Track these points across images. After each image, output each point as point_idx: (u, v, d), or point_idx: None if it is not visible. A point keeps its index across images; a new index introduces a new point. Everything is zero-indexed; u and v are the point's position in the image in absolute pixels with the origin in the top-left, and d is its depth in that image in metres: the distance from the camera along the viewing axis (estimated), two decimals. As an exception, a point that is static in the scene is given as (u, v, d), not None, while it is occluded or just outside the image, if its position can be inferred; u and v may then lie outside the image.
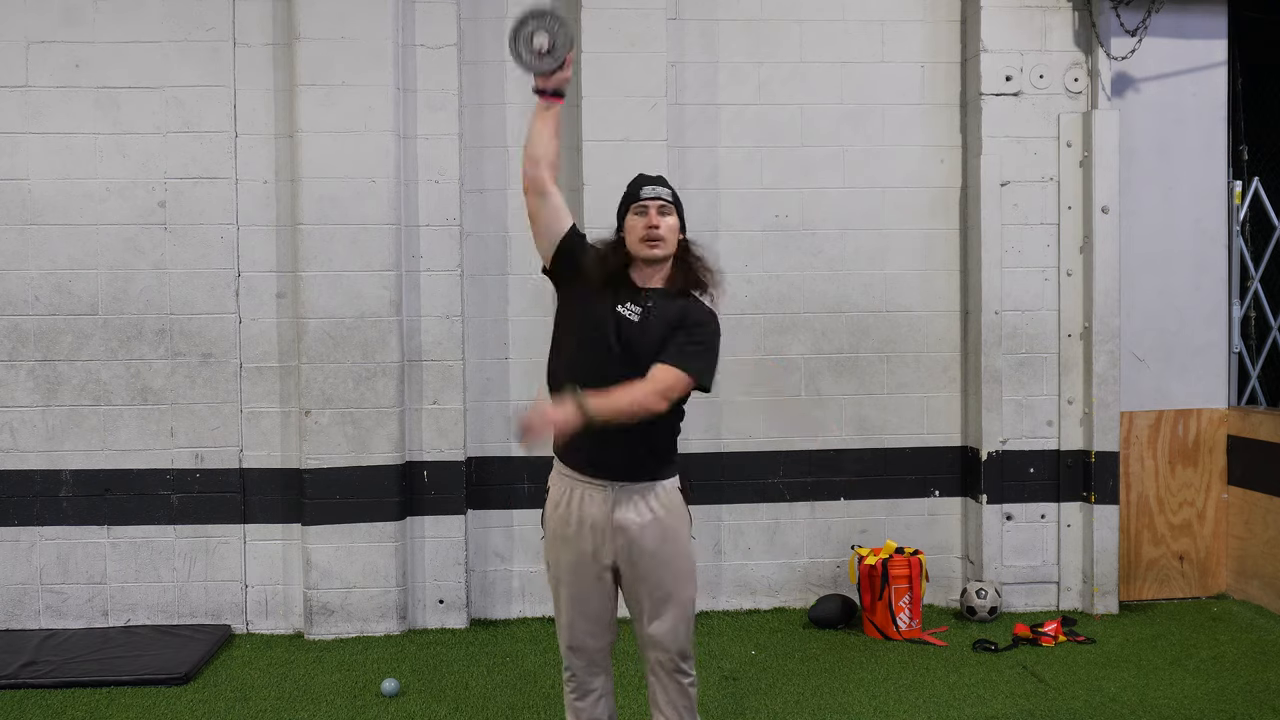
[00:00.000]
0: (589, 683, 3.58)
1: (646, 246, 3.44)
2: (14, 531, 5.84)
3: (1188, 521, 6.30)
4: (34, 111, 5.81)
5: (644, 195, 3.48)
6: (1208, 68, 6.24)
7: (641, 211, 3.46)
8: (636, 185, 3.55)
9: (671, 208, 3.50)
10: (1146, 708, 4.75)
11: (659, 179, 3.57)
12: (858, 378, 6.22)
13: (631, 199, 3.52)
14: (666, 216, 3.47)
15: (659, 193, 3.48)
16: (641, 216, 3.46)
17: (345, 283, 5.74)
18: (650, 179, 3.56)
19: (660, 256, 3.46)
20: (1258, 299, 6.46)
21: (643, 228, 3.44)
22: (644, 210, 3.46)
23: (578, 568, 3.48)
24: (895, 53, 6.21)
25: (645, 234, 3.43)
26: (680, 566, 3.49)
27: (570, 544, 3.47)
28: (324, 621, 5.78)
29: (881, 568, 5.72)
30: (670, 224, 3.48)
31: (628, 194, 3.55)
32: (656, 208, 3.46)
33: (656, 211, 3.45)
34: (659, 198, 3.47)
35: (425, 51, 5.87)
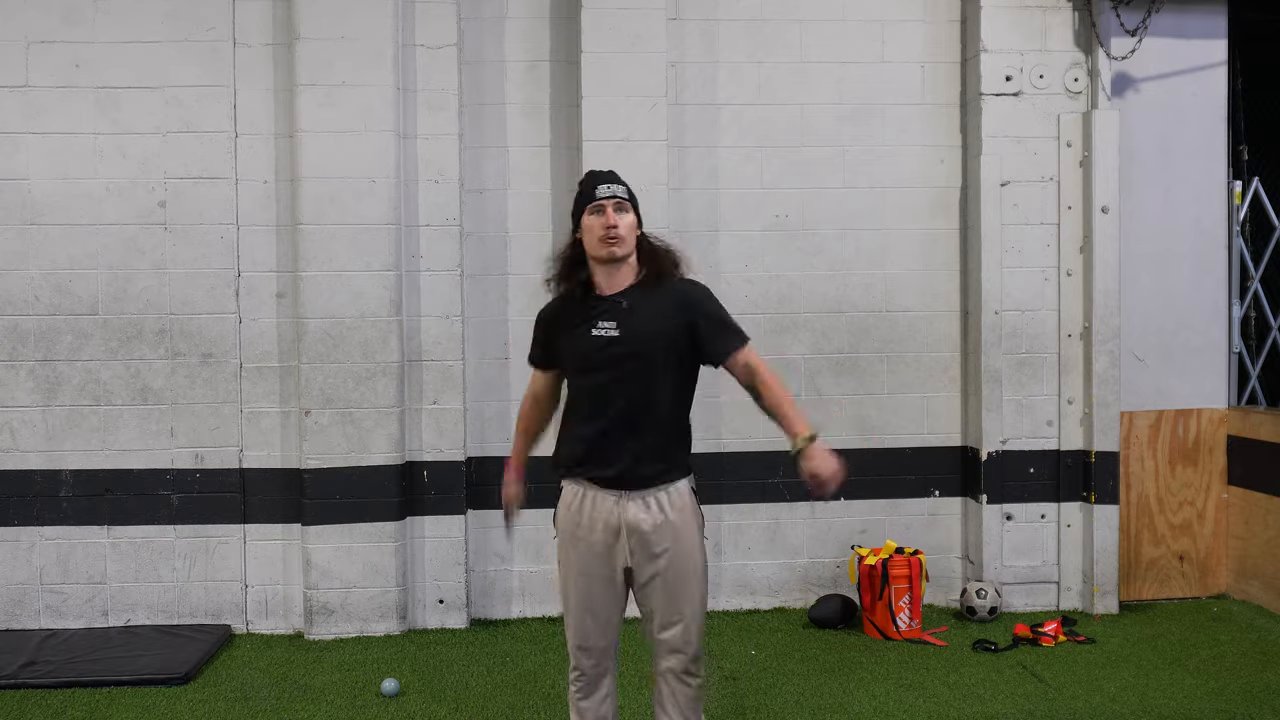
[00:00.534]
0: (596, 682, 3.58)
1: (605, 246, 3.41)
2: (14, 531, 5.84)
3: (1188, 521, 6.30)
4: (34, 111, 5.81)
5: (599, 195, 3.43)
6: (1208, 68, 6.24)
7: (598, 211, 3.42)
8: (590, 184, 3.50)
9: (628, 204, 3.46)
10: (1146, 708, 4.75)
11: (611, 175, 3.52)
12: (858, 378, 6.22)
13: (587, 199, 3.46)
14: (624, 214, 3.44)
15: (614, 190, 3.44)
16: (598, 216, 3.42)
17: (345, 283, 5.74)
18: (603, 176, 3.51)
19: (621, 255, 3.44)
20: (1258, 299, 6.46)
21: (600, 227, 3.41)
22: (600, 209, 3.42)
23: (589, 568, 3.47)
24: (895, 53, 6.21)
25: (604, 234, 3.41)
26: (692, 568, 3.48)
27: (582, 544, 3.47)
28: (324, 621, 5.78)
29: (881, 568, 5.72)
30: (628, 221, 3.44)
31: (581, 194, 3.50)
32: (613, 205, 3.42)
33: (613, 209, 3.42)
34: (615, 195, 3.43)
35: (425, 51, 5.87)
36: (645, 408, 3.42)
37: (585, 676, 3.57)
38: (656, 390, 3.44)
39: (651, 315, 3.43)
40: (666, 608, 3.47)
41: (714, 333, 3.48)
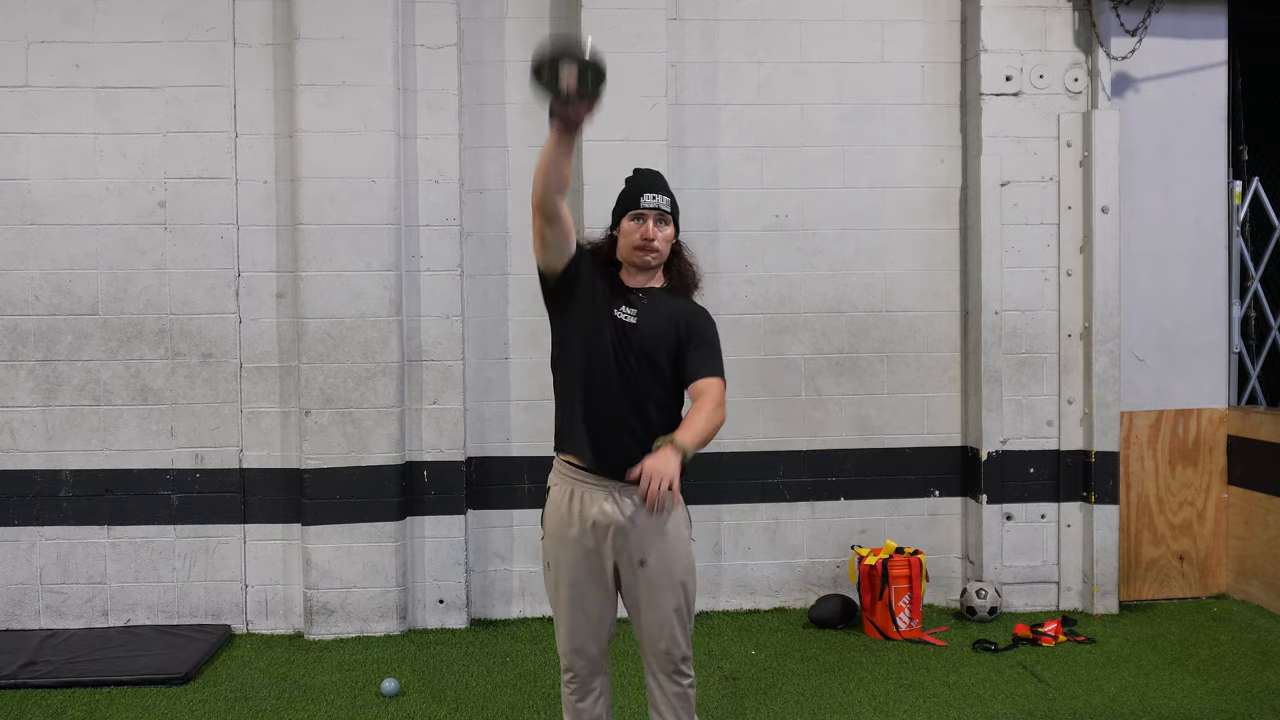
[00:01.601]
0: (589, 683, 3.58)
1: (639, 255, 3.45)
2: (14, 531, 5.84)
3: (1188, 521, 6.30)
4: (34, 111, 5.81)
5: (644, 204, 3.44)
6: (1208, 68, 6.24)
7: (639, 219, 3.45)
8: (637, 190, 3.49)
9: (669, 216, 3.48)
10: (1146, 708, 4.75)
11: (658, 181, 3.53)
12: (858, 378, 6.22)
13: (631, 204, 3.48)
14: (664, 228, 3.46)
15: (659, 202, 3.45)
16: (639, 224, 3.45)
17: (345, 283, 5.74)
18: (650, 183, 3.51)
19: (653, 265, 3.48)
20: (1258, 299, 6.46)
21: (639, 238, 3.43)
22: (642, 219, 3.45)
23: (578, 568, 3.46)
24: (895, 53, 6.21)
25: (640, 244, 3.43)
26: (679, 567, 3.48)
27: (571, 544, 3.46)
28: (324, 621, 5.78)
29: (881, 568, 5.72)
30: (666, 235, 3.47)
31: (627, 196, 3.51)
32: (655, 217, 3.44)
33: (654, 222, 3.44)
34: (658, 207, 3.45)
35: (425, 51, 5.87)
36: (644, 401, 3.43)
37: (578, 678, 3.56)
38: (655, 388, 3.46)
39: (665, 319, 3.47)
40: (653, 607, 3.46)
41: (701, 357, 3.47)
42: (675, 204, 3.54)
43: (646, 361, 3.43)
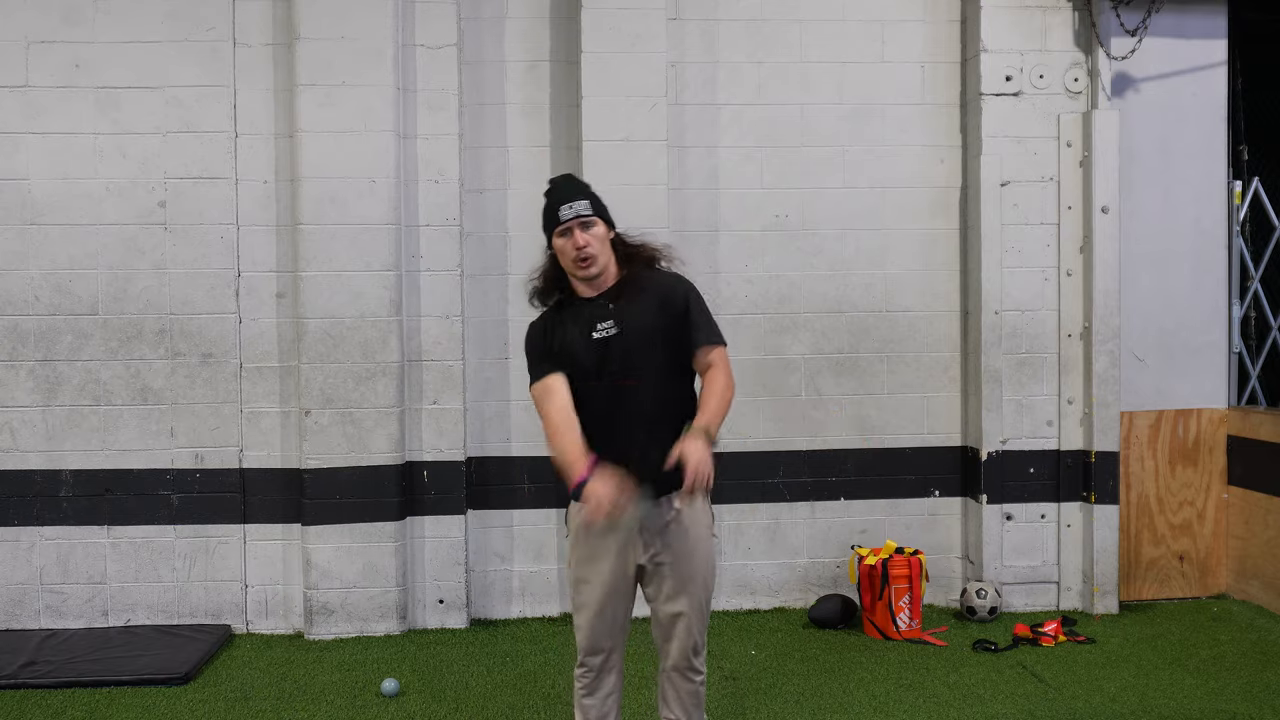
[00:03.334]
0: (603, 680, 3.59)
1: (582, 268, 3.42)
2: (14, 531, 5.84)
3: (1188, 521, 6.30)
4: (34, 111, 5.81)
5: (563, 217, 3.40)
6: (1208, 68, 6.24)
7: (566, 234, 3.41)
8: (553, 205, 3.45)
9: (594, 218, 3.43)
10: (1146, 708, 4.75)
11: (572, 189, 3.49)
12: (858, 378, 6.22)
13: (552, 222, 3.44)
14: (591, 229, 3.42)
15: (576, 209, 3.41)
16: (567, 238, 3.41)
17: (345, 283, 5.74)
18: (562, 191, 3.48)
19: (596, 274, 3.44)
20: (1258, 299, 6.46)
21: (572, 250, 3.40)
22: (568, 232, 3.40)
23: (601, 566, 3.48)
24: (895, 53, 6.21)
25: (575, 256, 3.40)
26: (699, 565, 3.50)
27: (595, 542, 3.48)
28: (324, 621, 5.78)
29: (881, 568, 5.72)
30: (597, 235, 3.43)
31: (547, 214, 3.47)
32: (579, 225, 3.40)
33: (580, 230, 3.40)
34: (577, 215, 3.40)
35: (425, 51, 5.87)
36: (656, 403, 3.43)
37: (592, 673, 3.58)
38: (665, 384, 3.45)
39: (644, 310, 3.45)
40: (672, 605, 3.49)
41: (691, 326, 3.49)
42: (597, 202, 3.49)
43: (648, 357, 3.42)
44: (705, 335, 3.50)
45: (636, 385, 3.40)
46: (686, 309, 3.49)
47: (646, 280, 3.50)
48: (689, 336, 3.48)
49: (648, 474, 3.37)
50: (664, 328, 3.45)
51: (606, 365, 3.41)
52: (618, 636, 3.56)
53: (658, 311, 3.45)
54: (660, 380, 3.44)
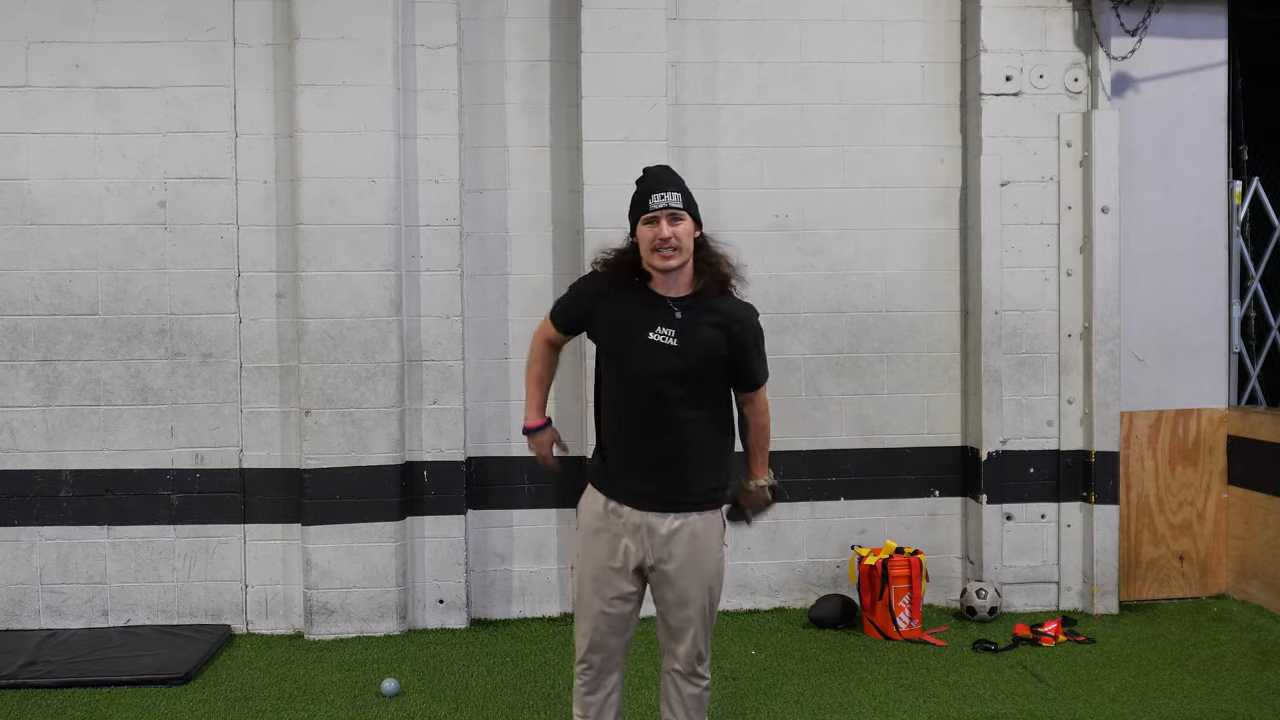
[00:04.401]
0: (604, 679, 3.58)
1: (660, 258, 3.38)
2: (14, 531, 5.84)
3: (1188, 521, 6.30)
4: (34, 111, 5.81)
5: (653, 205, 3.37)
6: (1208, 68, 6.24)
7: (652, 222, 3.37)
8: (645, 192, 3.42)
9: (683, 213, 3.39)
10: (1146, 708, 4.75)
11: (668, 179, 3.45)
12: (858, 378, 6.22)
13: (641, 209, 3.41)
14: (678, 224, 3.38)
15: (668, 200, 3.37)
16: (652, 227, 3.37)
17: (345, 283, 5.74)
18: (659, 183, 3.43)
19: (676, 266, 3.40)
20: (1258, 299, 6.46)
21: (655, 238, 3.37)
22: (654, 220, 3.37)
23: (608, 566, 3.48)
24: (895, 53, 6.21)
25: (657, 244, 3.37)
26: (707, 571, 3.49)
27: (603, 542, 3.48)
28: (324, 621, 5.78)
29: (881, 568, 5.72)
30: (683, 230, 3.38)
31: (637, 200, 3.44)
32: (667, 217, 3.37)
33: (667, 221, 3.36)
34: (669, 206, 3.37)
35: (425, 51, 5.87)
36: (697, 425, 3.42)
37: (592, 670, 3.57)
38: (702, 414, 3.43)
39: (708, 332, 3.42)
40: (678, 611, 3.49)
41: (752, 366, 3.54)
42: (690, 199, 3.46)
43: (698, 383, 3.40)
44: (761, 374, 3.58)
45: (677, 402, 3.38)
46: (752, 346, 3.51)
47: (720, 304, 3.46)
48: (744, 376, 3.52)
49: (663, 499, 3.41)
50: (725, 358, 3.44)
51: (654, 372, 3.37)
52: (620, 637, 3.55)
53: (725, 340, 3.43)
54: (700, 403, 3.43)
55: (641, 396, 3.40)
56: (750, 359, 3.51)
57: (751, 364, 3.52)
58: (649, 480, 3.41)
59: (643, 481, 3.42)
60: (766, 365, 3.60)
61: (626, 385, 3.43)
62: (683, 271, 3.43)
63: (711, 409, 3.46)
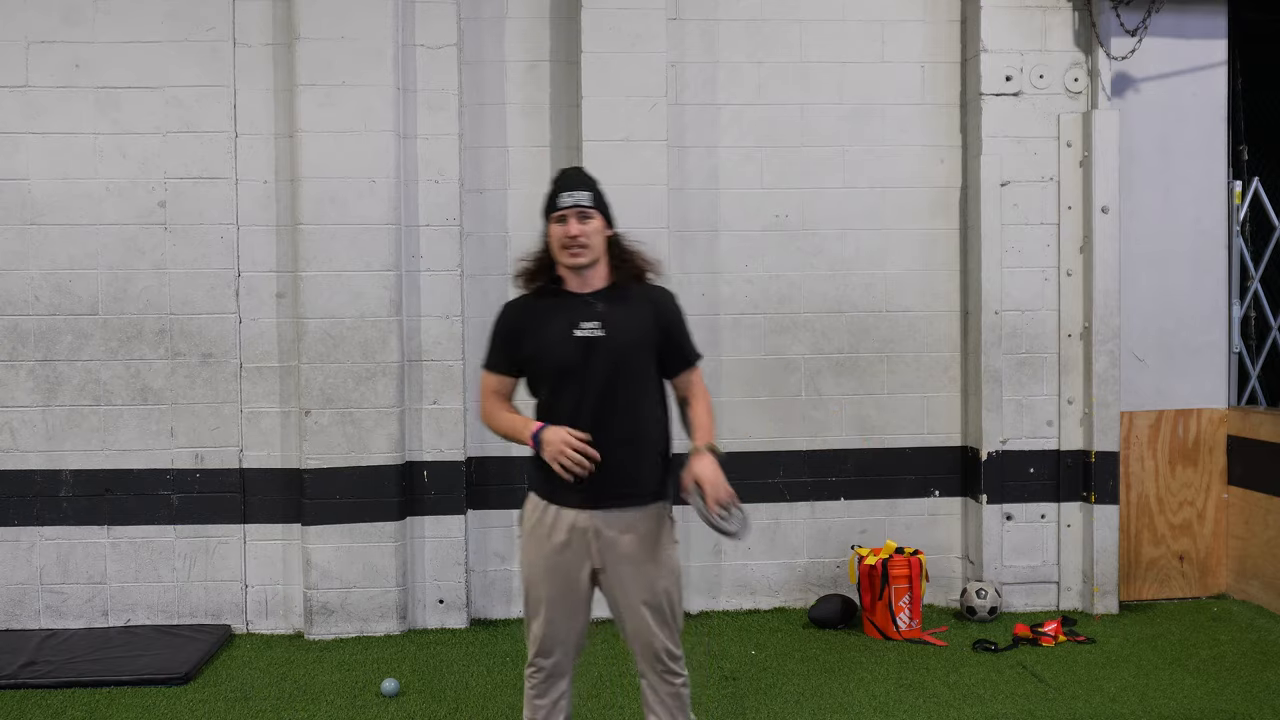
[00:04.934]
0: (555, 683, 3.54)
1: (569, 255, 3.40)
2: (14, 531, 5.84)
3: (1188, 521, 6.30)
4: (34, 111, 5.81)
5: (561, 204, 3.41)
6: (1208, 68, 6.24)
7: (561, 220, 3.40)
8: (555, 192, 3.46)
9: (593, 211, 3.42)
10: (1146, 708, 4.75)
11: (578, 179, 3.49)
12: (858, 378, 6.22)
13: (550, 208, 3.45)
14: (587, 222, 3.40)
15: (577, 199, 3.41)
16: (561, 225, 3.40)
17: (345, 283, 5.74)
18: (569, 182, 3.48)
19: (584, 264, 3.42)
20: (1258, 299, 6.46)
21: (563, 237, 3.40)
22: (563, 219, 3.40)
23: (556, 568, 3.45)
24: (895, 53, 6.21)
25: (565, 242, 3.39)
26: (659, 567, 3.46)
27: (549, 544, 3.45)
28: (324, 621, 5.78)
29: (881, 568, 5.72)
30: (593, 228, 3.41)
31: (547, 201, 3.48)
32: (576, 215, 3.39)
33: (576, 219, 3.39)
34: (577, 205, 3.40)
35: (425, 51, 5.87)
36: (634, 411, 3.41)
37: (541, 674, 3.54)
38: (642, 400, 3.44)
39: (630, 318, 3.44)
40: (633, 613, 3.45)
41: (680, 345, 3.55)
42: (601, 197, 3.48)
43: (629, 368, 3.40)
44: (692, 354, 3.58)
45: (616, 391, 3.38)
46: (677, 325, 3.54)
47: (637, 290, 3.50)
48: (676, 353, 3.53)
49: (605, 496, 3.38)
50: (653, 341, 3.46)
51: (588, 366, 3.37)
52: (572, 638, 3.52)
53: (649, 323, 3.46)
54: (640, 389, 3.43)
55: (579, 393, 3.38)
56: (681, 332, 3.55)
57: (682, 338, 3.55)
58: (594, 478, 3.36)
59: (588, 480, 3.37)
60: (694, 344, 3.61)
61: (563, 386, 3.40)
62: (596, 269, 3.46)
63: (649, 400, 3.46)
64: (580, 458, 3.31)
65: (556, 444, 3.32)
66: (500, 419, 3.53)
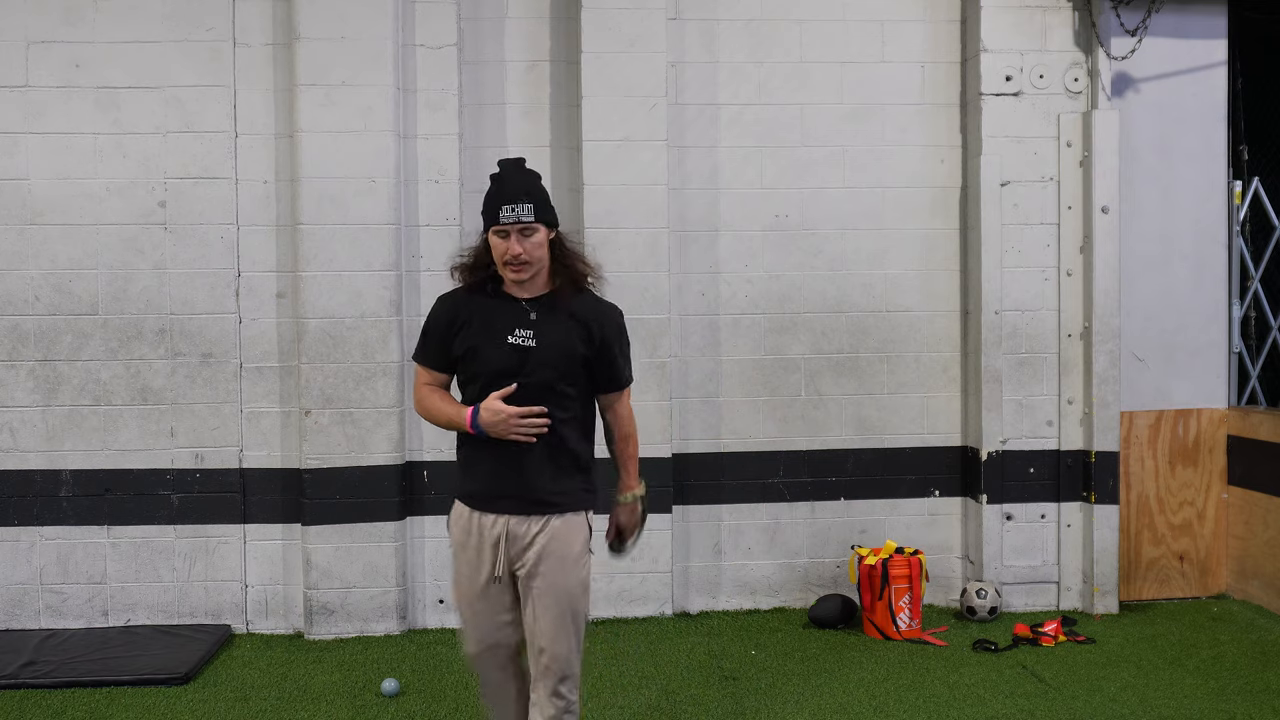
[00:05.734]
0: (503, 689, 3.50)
1: (511, 271, 3.34)
2: (14, 531, 5.84)
3: (1188, 521, 6.30)
4: (34, 111, 5.81)
5: (503, 219, 3.28)
6: (1208, 68, 6.24)
7: (503, 235, 3.31)
8: (495, 202, 3.32)
9: (535, 226, 3.31)
10: (1146, 708, 4.75)
11: (520, 185, 3.34)
12: (858, 378, 6.22)
13: (490, 219, 3.33)
14: (530, 238, 3.30)
15: (519, 213, 3.28)
16: (503, 240, 3.31)
17: (345, 283, 5.74)
18: (510, 190, 3.32)
19: (527, 279, 3.36)
20: (1258, 299, 6.46)
21: (504, 254, 3.31)
22: (504, 234, 3.30)
23: (478, 574, 3.42)
24: (895, 53, 6.21)
25: (507, 259, 3.31)
26: (567, 579, 3.39)
27: (471, 551, 3.43)
28: (324, 621, 5.78)
29: (881, 568, 5.72)
30: (535, 242, 3.32)
31: (487, 208, 3.35)
32: (517, 231, 3.29)
33: (518, 236, 3.29)
34: (518, 220, 3.28)
35: (425, 51, 5.87)
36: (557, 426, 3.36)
37: (490, 683, 3.51)
38: (568, 409, 3.40)
39: (565, 330, 3.38)
40: (537, 623, 3.38)
41: (611, 365, 3.49)
42: (543, 203, 3.35)
43: (556, 382, 3.36)
44: (625, 375, 3.54)
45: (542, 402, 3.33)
46: (612, 344, 3.46)
47: (578, 303, 3.42)
48: (606, 373, 3.48)
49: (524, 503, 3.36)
50: (583, 356, 3.41)
51: (518, 374, 3.33)
52: (506, 640, 3.46)
53: (581, 339, 3.40)
54: (568, 405, 3.39)
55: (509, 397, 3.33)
56: (613, 355, 3.48)
57: (614, 361, 3.48)
58: (511, 483, 3.35)
59: (505, 485, 3.35)
60: (631, 368, 3.57)
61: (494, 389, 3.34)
62: (537, 275, 3.39)
63: (574, 411, 3.42)
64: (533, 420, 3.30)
65: (503, 417, 3.30)
66: (437, 408, 3.49)
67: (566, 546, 3.40)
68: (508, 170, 3.43)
